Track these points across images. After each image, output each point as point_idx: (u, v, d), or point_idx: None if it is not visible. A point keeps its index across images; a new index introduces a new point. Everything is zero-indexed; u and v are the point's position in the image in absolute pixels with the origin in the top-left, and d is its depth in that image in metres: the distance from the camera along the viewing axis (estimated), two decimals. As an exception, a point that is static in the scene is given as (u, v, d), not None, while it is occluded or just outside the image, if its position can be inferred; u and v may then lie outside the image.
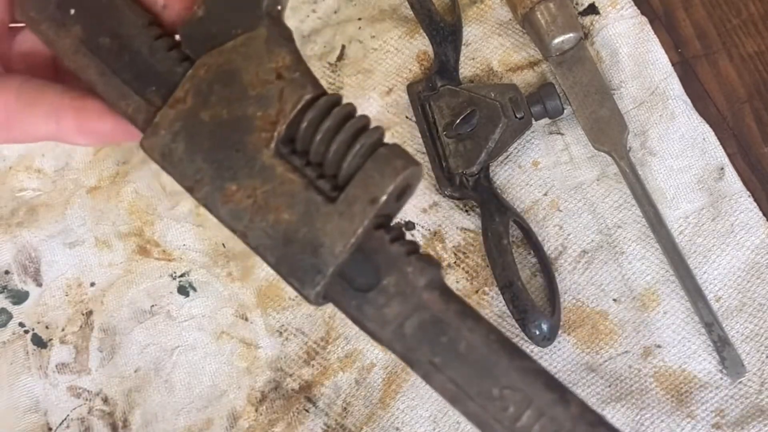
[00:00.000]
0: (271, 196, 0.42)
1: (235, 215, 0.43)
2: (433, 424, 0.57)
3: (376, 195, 0.42)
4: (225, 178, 0.43)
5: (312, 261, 0.42)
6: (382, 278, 0.43)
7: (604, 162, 0.61)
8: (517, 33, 0.64)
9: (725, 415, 0.55)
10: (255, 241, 0.43)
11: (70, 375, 0.62)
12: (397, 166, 0.42)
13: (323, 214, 0.42)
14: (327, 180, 0.43)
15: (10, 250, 0.65)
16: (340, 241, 0.42)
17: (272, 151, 0.43)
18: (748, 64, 0.62)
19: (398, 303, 0.43)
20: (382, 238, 0.43)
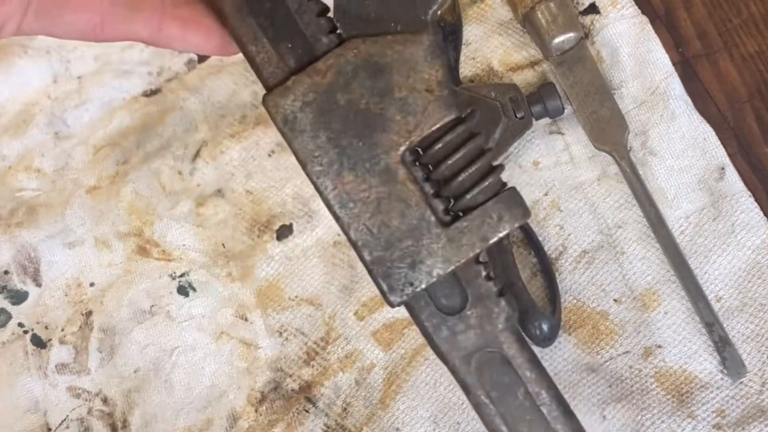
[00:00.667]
0: (386, 198, 0.43)
1: (343, 203, 0.43)
2: (433, 424, 0.57)
3: (488, 235, 0.43)
4: (344, 166, 0.43)
5: (407, 273, 0.43)
6: (467, 308, 0.45)
7: (605, 162, 0.61)
8: (517, 32, 0.64)
9: (726, 415, 0.55)
10: (356, 235, 0.43)
11: (70, 375, 0.62)
12: (515, 215, 0.44)
13: (433, 234, 0.43)
14: (441, 201, 0.44)
15: (9, 250, 0.64)
16: (441, 265, 0.43)
17: (399, 157, 0.43)
18: (749, 63, 0.62)
19: (475, 335, 0.45)
20: (479, 273, 0.46)
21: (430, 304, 0.45)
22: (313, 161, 0.43)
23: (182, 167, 0.65)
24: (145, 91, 0.68)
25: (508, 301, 0.46)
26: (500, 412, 0.46)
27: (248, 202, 0.64)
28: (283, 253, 0.62)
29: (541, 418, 0.46)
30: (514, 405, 0.46)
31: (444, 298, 0.46)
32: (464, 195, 0.44)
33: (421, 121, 0.43)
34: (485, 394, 0.46)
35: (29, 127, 0.68)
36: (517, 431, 0.46)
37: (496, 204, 0.43)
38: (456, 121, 0.43)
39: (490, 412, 0.46)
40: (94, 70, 0.69)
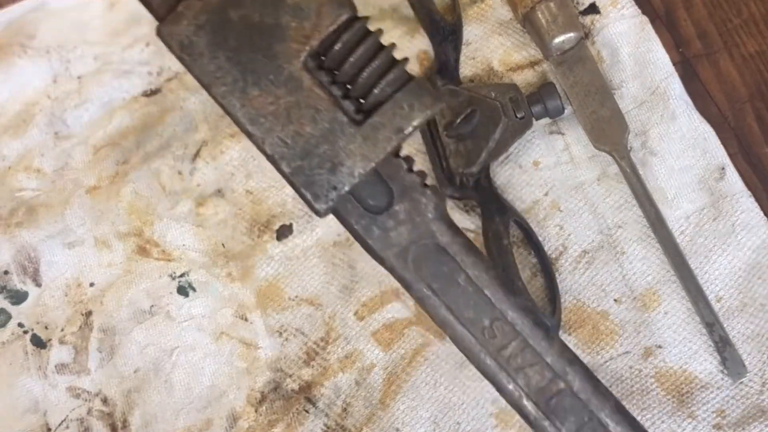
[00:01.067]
0: (295, 107, 0.43)
1: (253, 119, 0.43)
2: (433, 425, 0.57)
3: (402, 126, 0.43)
4: (248, 82, 0.43)
5: (329, 177, 0.43)
6: (394, 203, 0.45)
7: (605, 162, 0.61)
8: (517, 32, 0.64)
9: (726, 415, 0.55)
10: (272, 149, 0.43)
11: (70, 375, 0.62)
12: (425, 103, 0.43)
13: (347, 135, 0.43)
14: (351, 102, 0.43)
15: (9, 250, 0.64)
16: (360, 164, 0.43)
17: (301, 64, 0.43)
18: (749, 63, 0.62)
19: (406, 229, 0.46)
20: (400, 166, 0.46)
21: (358, 207, 0.46)
22: (217, 82, 0.43)
23: (182, 167, 0.65)
24: (145, 91, 0.68)
25: (434, 190, 0.46)
26: (444, 302, 0.46)
27: (248, 202, 0.64)
28: (283, 253, 0.62)
29: (485, 301, 0.46)
30: (456, 293, 0.46)
31: (370, 198, 0.46)
32: (371, 91, 0.43)
33: (317, 24, 0.43)
34: (426, 286, 0.46)
35: (29, 127, 0.68)
36: (463, 317, 0.46)
37: (405, 95, 0.43)
38: (351, 20, 0.43)
39: (434, 304, 0.46)
40: (94, 70, 0.69)
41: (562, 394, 0.46)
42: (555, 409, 0.46)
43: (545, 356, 0.46)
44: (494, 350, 0.46)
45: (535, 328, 0.46)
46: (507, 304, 0.46)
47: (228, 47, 0.43)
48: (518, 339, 0.46)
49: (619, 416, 0.46)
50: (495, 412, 0.57)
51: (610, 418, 0.46)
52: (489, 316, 0.46)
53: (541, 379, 0.46)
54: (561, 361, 0.46)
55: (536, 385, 0.46)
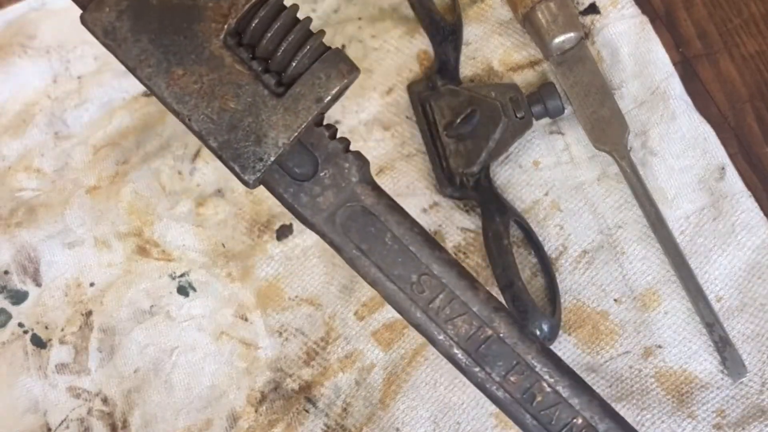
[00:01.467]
0: (218, 84, 0.45)
1: (179, 98, 0.45)
2: (433, 424, 0.57)
3: (321, 95, 0.45)
4: (171, 62, 0.45)
5: (254, 149, 0.45)
6: (319, 170, 0.48)
7: (605, 162, 0.61)
8: (517, 32, 0.64)
9: (726, 415, 0.55)
10: (198, 125, 0.45)
11: (70, 375, 0.62)
12: (342, 71, 0.45)
13: (269, 107, 0.45)
14: (272, 75, 0.45)
15: (9, 250, 0.64)
16: (283, 134, 0.45)
17: (221, 42, 0.45)
18: (749, 63, 0.62)
19: (332, 194, 0.48)
20: (322, 134, 0.48)
21: (285, 176, 0.47)
22: (142, 65, 0.45)
23: (182, 167, 0.65)
24: (145, 91, 0.68)
25: (356, 155, 0.48)
26: (373, 261, 0.48)
27: (248, 202, 0.64)
28: (283, 253, 0.62)
29: (411, 257, 0.48)
30: (384, 251, 0.48)
31: (296, 167, 0.47)
32: (290, 64, 0.45)
33: (234, 2, 0.45)
34: (355, 248, 0.48)
35: (29, 127, 0.68)
36: (392, 275, 0.48)
37: (321, 64, 0.45)
38: None
39: (364, 264, 0.48)
40: (94, 70, 0.69)
41: (490, 340, 0.48)
42: (484, 356, 0.48)
43: (472, 306, 0.48)
44: (423, 304, 0.48)
45: (461, 280, 0.48)
46: (432, 258, 0.48)
47: (150, 30, 0.45)
48: (445, 291, 0.48)
49: (544, 357, 0.48)
50: (495, 411, 0.57)
51: (536, 360, 0.48)
52: (416, 272, 0.48)
53: (469, 327, 0.48)
54: (487, 309, 0.48)
55: (465, 334, 0.48)
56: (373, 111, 0.65)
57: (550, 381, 0.47)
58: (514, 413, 0.48)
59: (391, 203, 0.48)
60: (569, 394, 0.47)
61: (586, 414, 0.47)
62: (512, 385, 0.48)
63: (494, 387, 0.48)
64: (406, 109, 0.64)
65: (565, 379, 0.48)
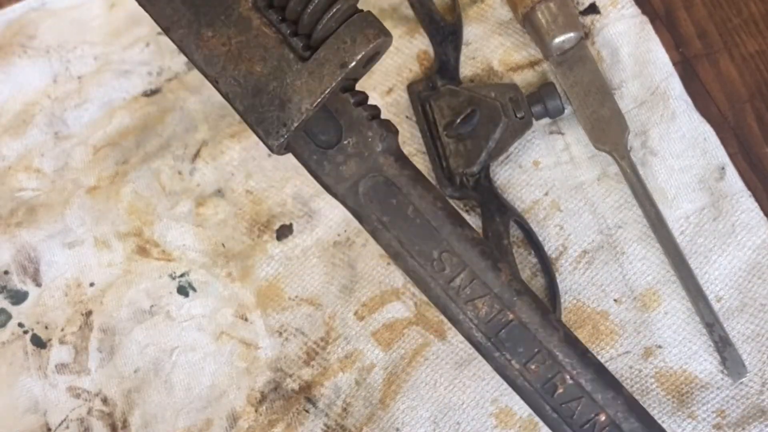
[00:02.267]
0: (245, 47, 0.44)
1: (208, 61, 0.45)
2: (433, 424, 0.57)
3: (345, 60, 0.44)
4: (201, 24, 0.45)
5: (279, 114, 0.44)
6: (343, 138, 0.47)
7: (605, 162, 0.61)
8: (517, 32, 0.64)
9: (726, 415, 0.55)
10: (225, 88, 0.45)
11: (70, 375, 0.62)
12: (368, 35, 0.44)
13: (294, 71, 0.44)
14: (300, 38, 0.44)
15: (9, 250, 0.64)
16: (307, 99, 0.44)
17: (250, 3, 0.44)
18: (749, 63, 0.62)
19: (355, 163, 0.47)
20: (347, 101, 0.47)
21: (310, 142, 0.46)
22: (174, 26, 0.45)
23: (182, 167, 0.65)
24: (145, 91, 0.68)
25: (381, 124, 0.47)
26: (394, 234, 0.47)
27: (248, 202, 0.64)
28: (283, 253, 0.62)
29: (433, 233, 0.46)
30: (405, 225, 0.47)
31: (321, 134, 0.47)
32: (316, 26, 0.44)
33: None
34: (377, 219, 0.47)
35: (29, 127, 0.68)
36: (413, 250, 0.47)
37: (347, 28, 0.44)
38: None
39: (385, 236, 0.47)
40: (94, 70, 0.69)
41: (511, 325, 0.46)
42: (505, 341, 0.46)
43: (493, 287, 0.46)
44: (444, 282, 0.47)
45: (483, 259, 0.47)
46: (454, 235, 0.47)
47: None
48: (466, 270, 0.46)
49: (568, 347, 0.46)
50: (495, 412, 0.57)
51: (559, 349, 0.46)
52: (437, 248, 0.47)
53: (490, 310, 0.46)
54: (509, 292, 0.46)
55: (485, 317, 0.46)
56: (373, 111, 0.65)
57: (572, 372, 0.46)
58: (534, 403, 0.46)
59: (414, 175, 0.47)
60: (593, 388, 0.46)
61: (610, 411, 0.45)
62: (533, 373, 0.46)
63: (514, 374, 0.46)
64: (406, 109, 0.64)
65: (588, 372, 0.46)
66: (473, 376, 0.57)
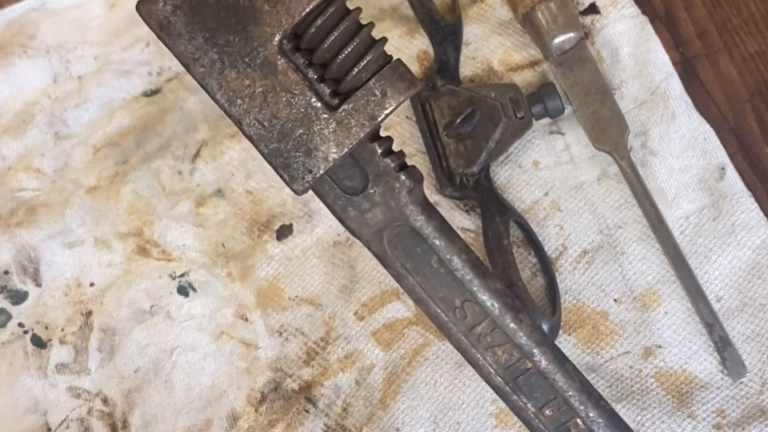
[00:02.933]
0: (271, 91, 0.44)
1: (231, 102, 0.44)
2: (433, 424, 0.57)
3: (375, 114, 0.44)
4: (225, 64, 0.44)
5: (304, 161, 0.44)
6: (369, 187, 0.47)
7: (605, 162, 0.61)
8: (517, 32, 0.64)
9: (726, 415, 0.55)
10: (249, 130, 0.44)
11: (70, 375, 0.62)
12: (399, 89, 0.44)
13: (322, 120, 0.44)
14: (328, 84, 0.44)
15: (9, 250, 0.64)
16: (334, 149, 0.44)
17: (276, 47, 0.44)
18: (749, 63, 0.62)
19: (381, 212, 0.47)
20: (374, 151, 0.46)
21: (335, 188, 0.47)
22: (195, 64, 0.44)
23: (182, 167, 0.65)
24: (145, 91, 0.68)
25: (408, 174, 0.47)
26: (417, 281, 0.48)
27: (248, 202, 0.64)
28: (283, 253, 0.62)
29: (456, 283, 0.47)
30: (429, 273, 0.48)
31: (346, 180, 0.47)
32: (347, 75, 0.44)
33: (290, 7, 0.43)
34: (401, 266, 0.48)
35: (29, 127, 0.68)
36: (436, 297, 0.48)
37: (378, 81, 0.44)
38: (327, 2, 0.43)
39: (409, 282, 0.48)
40: (94, 70, 0.69)
41: (529, 372, 0.48)
42: (522, 386, 0.48)
43: (514, 337, 0.48)
44: (465, 329, 0.48)
45: (505, 310, 0.48)
46: (477, 286, 0.47)
47: (205, 28, 0.44)
48: (488, 320, 0.48)
49: (584, 395, 0.48)
50: (495, 412, 0.57)
51: (574, 397, 0.48)
52: (460, 297, 0.48)
53: (510, 358, 0.48)
54: (529, 343, 0.48)
55: (504, 363, 0.48)
56: (373, 111, 0.65)
57: (586, 419, 0.48)
58: None
59: (440, 226, 0.47)
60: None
61: None
62: (547, 418, 0.48)
63: (530, 416, 0.48)
64: (406, 109, 0.64)
65: (602, 419, 0.48)
66: (473, 376, 0.57)
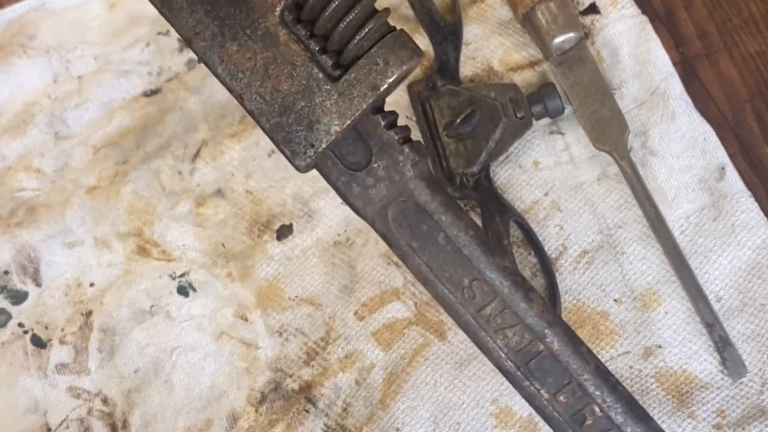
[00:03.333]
0: (272, 63, 0.43)
1: (233, 76, 0.43)
2: (433, 424, 0.57)
3: (377, 83, 0.42)
4: (226, 36, 0.43)
5: (306, 134, 0.43)
6: (373, 161, 0.45)
7: (605, 162, 0.61)
8: (517, 32, 0.64)
9: (726, 415, 0.55)
10: (251, 105, 0.43)
11: (70, 375, 0.62)
12: (402, 57, 0.43)
13: (324, 91, 0.43)
14: (329, 55, 0.43)
15: (9, 250, 0.64)
16: (337, 121, 0.43)
17: (277, 18, 0.43)
18: (749, 63, 0.62)
19: (385, 186, 0.45)
20: (378, 123, 0.45)
21: (338, 164, 0.45)
22: (197, 37, 0.43)
23: (182, 167, 0.65)
24: (145, 91, 0.68)
25: (413, 148, 0.45)
26: (424, 260, 0.46)
27: (248, 202, 0.64)
28: (283, 253, 0.62)
29: (464, 261, 0.46)
30: (435, 251, 0.46)
31: (350, 155, 0.45)
32: (348, 45, 0.43)
33: None
34: (406, 244, 0.46)
35: (29, 127, 0.68)
36: (443, 276, 0.46)
37: (380, 49, 0.42)
38: None
39: (415, 261, 0.46)
40: (94, 70, 0.69)
41: (541, 355, 0.46)
42: (534, 370, 0.46)
43: (524, 318, 0.46)
44: (474, 310, 0.46)
45: (514, 289, 0.46)
46: (485, 264, 0.46)
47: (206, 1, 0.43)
48: (497, 299, 0.46)
49: (599, 379, 0.46)
50: (495, 412, 0.57)
51: (589, 381, 0.46)
52: (468, 276, 0.46)
53: (521, 340, 0.46)
54: (540, 323, 0.46)
55: (515, 346, 0.46)
56: (373, 111, 0.65)
57: (602, 405, 0.45)
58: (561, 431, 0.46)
59: (447, 201, 0.46)
60: (623, 420, 0.45)
61: None
62: (562, 404, 0.46)
63: (543, 403, 0.46)
64: (406, 109, 0.64)
65: (619, 405, 0.46)
66: (473, 376, 0.57)
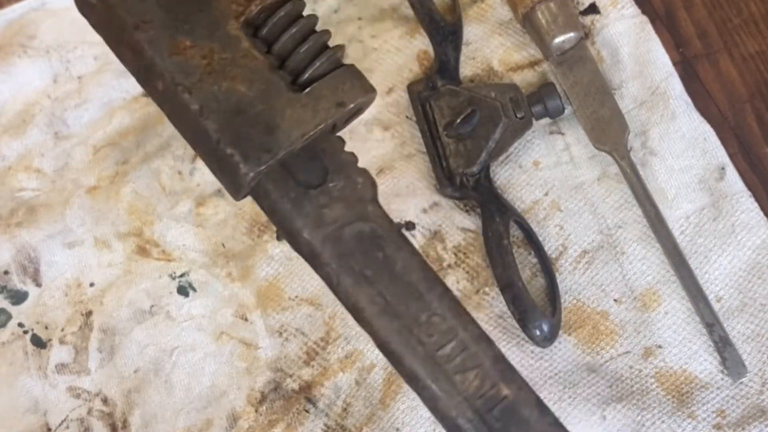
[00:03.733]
0: (230, 64, 0.41)
1: (183, 69, 0.41)
2: (433, 425, 0.57)
3: (344, 100, 0.42)
4: (179, 30, 0.41)
5: (263, 138, 0.40)
6: (328, 180, 0.43)
7: (605, 162, 0.61)
8: (517, 32, 0.64)
9: (726, 415, 0.55)
10: (200, 101, 0.40)
11: (70, 375, 0.62)
12: (365, 86, 0.43)
13: (285, 99, 0.41)
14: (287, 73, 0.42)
15: (9, 250, 0.64)
16: (298, 129, 0.41)
17: (239, 25, 0.42)
18: (749, 63, 0.62)
19: (341, 208, 0.43)
20: (337, 142, 0.44)
21: (288, 180, 0.42)
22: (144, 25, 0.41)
23: (182, 167, 0.65)
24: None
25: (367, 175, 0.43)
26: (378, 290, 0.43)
27: (248, 202, 0.64)
28: (283, 253, 0.62)
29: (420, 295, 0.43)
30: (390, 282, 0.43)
31: (302, 172, 0.43)
32: (307, 68, 0.42)
33: None
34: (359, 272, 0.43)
35: (29, 127, 0.68)
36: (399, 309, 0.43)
37: (346, 73, 0.42)
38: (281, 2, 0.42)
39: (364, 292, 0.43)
40: (94, 70, 0.69)
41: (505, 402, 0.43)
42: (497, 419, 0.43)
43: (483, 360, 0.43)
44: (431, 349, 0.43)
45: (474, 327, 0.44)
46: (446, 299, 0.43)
47: None
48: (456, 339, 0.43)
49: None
50: (495, 412, 0.57)
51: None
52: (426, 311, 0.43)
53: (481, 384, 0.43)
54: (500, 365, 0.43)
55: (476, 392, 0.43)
56: (373, 111, 0.65)
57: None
58: None
59: (401, 233, 0.44)
60: None
61: None
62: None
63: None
64: (406, 109, 0.64)
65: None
66: (473, 376, 0.57)
